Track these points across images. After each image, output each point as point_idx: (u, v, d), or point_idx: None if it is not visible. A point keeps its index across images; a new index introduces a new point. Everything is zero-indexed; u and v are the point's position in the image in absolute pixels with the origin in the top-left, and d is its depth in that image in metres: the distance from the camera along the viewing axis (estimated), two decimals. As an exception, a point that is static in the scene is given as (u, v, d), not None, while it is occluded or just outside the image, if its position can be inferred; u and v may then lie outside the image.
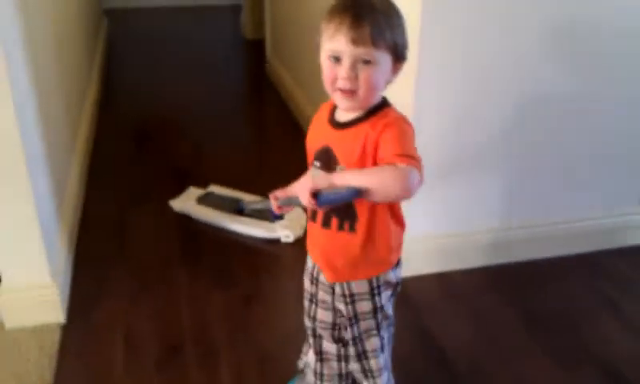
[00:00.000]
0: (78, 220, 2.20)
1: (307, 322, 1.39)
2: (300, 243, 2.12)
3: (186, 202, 2.31)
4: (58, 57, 2.29)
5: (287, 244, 2.14)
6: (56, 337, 1.69)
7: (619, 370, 1.63)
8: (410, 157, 1.05)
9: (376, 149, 1.09)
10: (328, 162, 1.15)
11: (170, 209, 2.30)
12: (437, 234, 1.96)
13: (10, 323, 1.72)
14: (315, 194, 1.05)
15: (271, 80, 3.74)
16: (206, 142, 2.92)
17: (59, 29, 2.40)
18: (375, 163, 1.09)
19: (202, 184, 2.44)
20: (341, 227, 1.18)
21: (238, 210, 2.24)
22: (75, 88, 2.68)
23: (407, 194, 1.04)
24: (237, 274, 1.99)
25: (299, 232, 2.15)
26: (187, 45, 4.51)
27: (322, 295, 1.31)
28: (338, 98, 1.11)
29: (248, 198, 2.33)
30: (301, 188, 1.07)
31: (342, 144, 1.14)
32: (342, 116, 1.16)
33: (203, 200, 2.32)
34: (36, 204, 1.62)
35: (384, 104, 1.15)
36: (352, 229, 1.17)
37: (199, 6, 5.47)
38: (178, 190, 2.40)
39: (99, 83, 3.48)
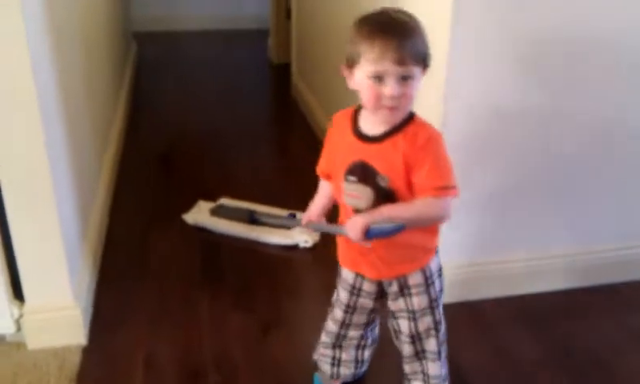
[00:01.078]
0: (102, 242, 2.21)
1: (335, 329, 1.48)
2: (318, 248, 2.20)
3: (199, 214, 2.37)
4: (87, 80, 2.32)
5: (306, 249, 2.21)
6: (77, 359, 1.69)
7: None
8: (449, 188, 1.18)
9: (413, 166, 1.18)
10: (365, 175, 1.22)
11: (192, 231, 2.30)
12: (461, 263, 1.93)
13: (32, 344, 1.72)
14: (366, 230, 1.17)
15: (297, 103, 3.75)
16: (231, 165, 2.92)
17: (89, 52, 2.43)
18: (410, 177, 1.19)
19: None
20: None
21: (251, 220, 2.19)
22: (103, 111, 2.71)
23: (445, 221, 1.22)
24: (259, 292, 1.98)
25: (317, 237, 2.23)
26: (214, 69, 4.55)
27: (363, 301, 1.41)
28: (384, 115, 1.18)
29: (260, 209, 2.27)
30: (353, 225, 1.19)
31: (381, 157, 1.21)
32: (371, 128, 1.23)
33: (216, 212, 2.23)
34: (61, 227, 1.63)
35: (411, 114, 1.23)
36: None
37: (227, 30, 5.53)
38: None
39: (127, 107, 3.52)
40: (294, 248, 2.23)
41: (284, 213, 2.31)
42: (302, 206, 1.46)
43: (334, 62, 2.86)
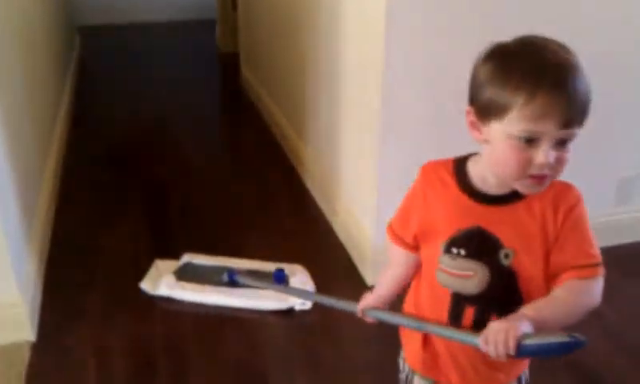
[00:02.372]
0: (49, 240, 2.17)
1: None
2: (318, 310, 1.84)
3: (162, 280, 1.90)
4: (27, 78, 2.27)
5: (304, 312, 1.84)
6: (25, 356, 1.66)
7: (596, 375, 1.64)
8: (600, 265, 0.88)
9: (557, 238, 0.88)
10: (481, 248, 0.91)
11: (143, 229, 2.27)
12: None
13: (-22, 343, 1.69)
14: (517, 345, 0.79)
15: (246, 92, 3.75)
16: (181, 159, 2.91)
17: (29, 49, 2.38)
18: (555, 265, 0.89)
19: (175, 203, 2.41)
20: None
21: (230, 281, 1.83)
22: (45, 108, 2.66)
23: (595, 307, 0.88)
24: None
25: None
26: (162, 60, 4.50)
27: None
28: (528, 187, 0.87)
29: (236, 265, 1.96)
30: (498, 334, 0.80)
31: (509, 223, 0.90)
32: (491, 187, 0.91)
33: (183, 274, 1.93)
34: (4, 226, 1.60)
35: None
36: None
37: (173, 21, 5.47)
38: (151, 211, 2.38)
39: (71, 102, 3.45)
40: (289, 313, 1.85)
41: (267, 266, 1.94)
42: (251, 192, 1.42)
43: (281, 51, 2.87)
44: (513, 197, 0.89)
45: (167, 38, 5.16)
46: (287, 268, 1.92)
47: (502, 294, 0.89)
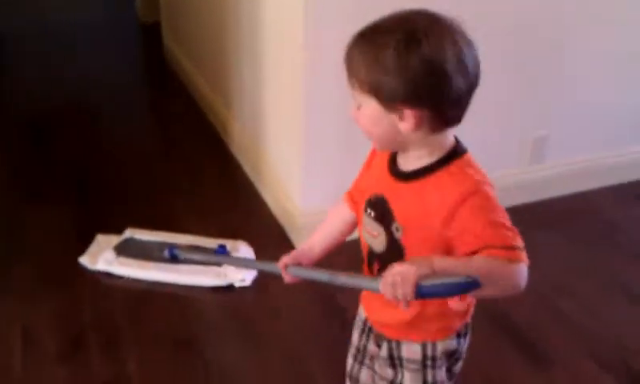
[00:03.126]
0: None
1: None
2: (258, 287, 1.83)
3: (102, 256, 1.89)
4: None
5: (243, 288, 1.83)
6: (-53, 339, 1.62)
7: (507, 318, 1.74)
8: (509, 248, 0.84)
9: (448, 221, 0.87)
10: (382, 215, 0.95)
11: (67, 204, 2.22)
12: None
13: None
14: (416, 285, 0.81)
15: (170, 63, 3.67)
16: (103, 133, 2.84)
17: None
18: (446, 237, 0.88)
19: (104, 182, 2.38)
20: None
21: (171, 256, 1.72)
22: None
23: (516, 292, 0.86)
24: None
25: (254, 273, 1.85)
26: (79, 32, 4.33)
27: (373, 349, 1.10)
28: None
29: (179, 240, 1.94)
30: (397, 276, 0.80)
31: (402, 199, 0.93)
32: (405, 163, 0.94)
33: (123, 250, 1.91)
34: None
35: (454, 154, 0.91)
36: None
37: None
38: (75, 186, 2.33)
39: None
40: (229, 289, 1.84)
41: (210, 242, 1.93)
42: (180, 170, 1.40)
43: (204, 19, 2.83)
44: (413, 176, 0.92)
45: (85, 9, 4.95)
46: (230, 244, 1.90)
47: (397, 258, 0.90)
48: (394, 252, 0.95)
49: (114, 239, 1.97)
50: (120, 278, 1.86)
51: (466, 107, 0.88)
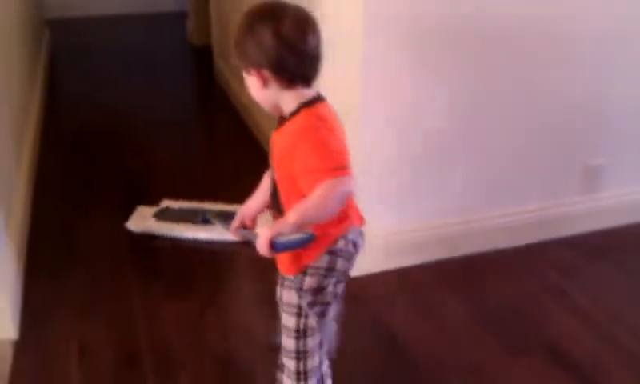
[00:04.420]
0: (27, 233, 2.16)
1: None
2: None
3: (144, 221, 2.20)
4: (1, 70, 2.24)
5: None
6: (8, 353, 1.65)
7: (566, 350, 1.70)
8: (332, 169, 1.05)
9: (293, 155, 1.09)
10: (270, 161, 1.20)
11: (119, 218, 2.26)
12: (389, 231, 2.00)
13: (-41, 342, 1.67)
14: (272, 244, 1.05)
15: (220, 86, 3.73)
16: (154, 151, 2.89)
17: (3, 41, 2.34)
18: (294, 170, 1.10)
19: (152, 194, 2.42)
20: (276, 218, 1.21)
21: (203, 221, 2.15)
22: (18, 101, 2.61)
23: (344, 204, 1.09)
24: (192, 280, 1.98)
25: None
26: (133, 54, 4.45)
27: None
28: None
29: (208, 208, 2.26)
30: (259, 240, 1.06)
31: (275, 144, 1.18)
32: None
33: (161, 216, 2.23)
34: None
35: (307, 104, 1.13)
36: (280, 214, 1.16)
37: (144, 13, 5.41)
38: (127, 201, 2.38)
39: (43, 96, 3.40)
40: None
41: (236, 208, 2.16)
42: (226, 188, 1.44)
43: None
44: (281, 121, 1.16)
45: (139, 30, 5.10)
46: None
47: (276, 199, 1.18)
48: (275, 193, 1.19)
49: (153, 209, 2.28)
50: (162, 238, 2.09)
51: (301, 70, 1.13)
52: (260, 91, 1.16)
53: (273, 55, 1.11)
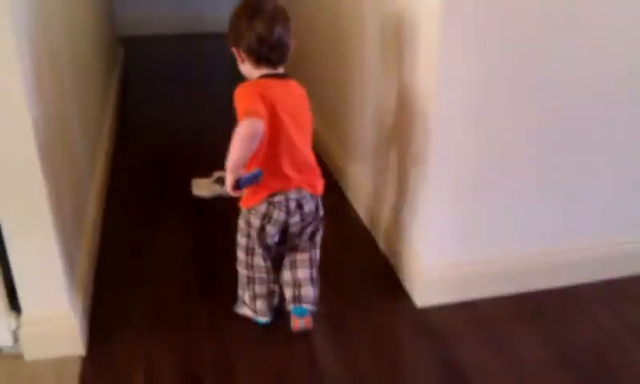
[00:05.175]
0: (97, 249, 2.19)
1: None
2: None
3: (206, 188, 2.60)
4: (77, 84, 2.30)
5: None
6: (76, 370, 1.67)
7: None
8: (240, 115, 1.49)
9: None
10: None
11: (187, 235, 2.29)
12: (459, 261, 1.93)
13: (29, 355, 1.70)
14: (236, 185, 1.53)
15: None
16: (219, 165, 2.90)
17: (81, 58, 2.41)
18: None
19: (215, 208, 2.45)
20: None
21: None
22: (93, 117, 2.69)
23: (254, 139, 1.49)
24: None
25: None
26: (204, 73, 4.52)
27: None
28: None
29: None
30: (227, 184, 1.54)
31: None
32: None
33: (219, 181, 2.59)
34: (57, 236, 1.62)
35: (259, 78, 1.60)
36: None
37: (216, 33, 5.48)
38: (196, 218, 2.41)
39: (116, 112, 3.49)
40: None
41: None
42: None
43: (333, 68, 2.85)
44: None
45: (212, 49, 5.18)
46: None
47: None
48: None
49: (208, 178, 2.65)
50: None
51: (270, 54, 1.56)
52: (241, 66, 1.63)
53: (245, 41, 1.56)
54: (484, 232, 1.92)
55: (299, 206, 1.65)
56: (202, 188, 2.61)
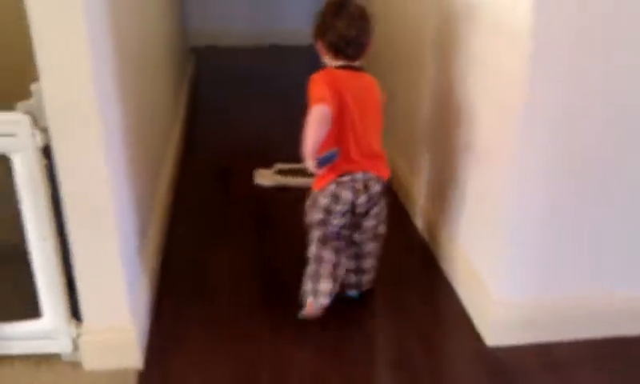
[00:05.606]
0: (159, 261, 2.18)
1: None
2: None
3: (269, 178, 2.79)
4: (149, 96, 2.31)
5: None
6: (132, 383, 1.65)
7: None
8: (310, 102, 1.70)
9: None
10: None
11: (252, 250, 2.26)
12: (533, 300, 1.81)
13: (88, 365, 1.69)
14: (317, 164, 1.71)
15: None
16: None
17: (152, 69, 2.43)
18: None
19: (284, 228, 2.39)
20: None
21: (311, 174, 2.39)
22: (163, 126, 2.70)
23: (322, 124, 1.69)
24: (322, 329, 1.89)
25: None
26: (273, 85, 4.52)
27: None
28: None
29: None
30: (308, 166, 1.72)
31: None
32: None
33: (281, 172, 2.83)
34: (120, 246, 1.60)
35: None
36: None
37: (287, 45, 5.50)
38: (261, 234, 2.38)
39: (184, 122, 3.51)
40: None
41: None
42: None
43: (401, 80, 2.77)
44: None
45: (282, 62, 5.19)
46: None
47: None
48: None
49: (271, 170, 2.87)
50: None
51: (347, 48, 1.75)
52: (324, 57, 1.82)
53: (327, 36, 1.76)
54: (562, 269, 1.79)
55: (365, 186, 1.78)
56: (264, 177, 2.80)
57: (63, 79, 1.41)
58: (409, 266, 2.24)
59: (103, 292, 1.64)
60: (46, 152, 1.48)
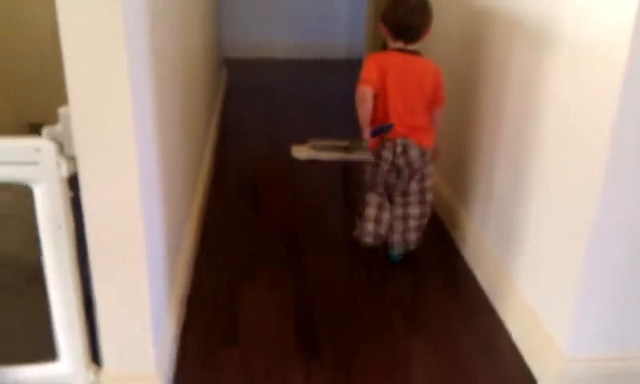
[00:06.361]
0: (187, 299, 2.01)
1: None
2: None
3: (305, 152, 2.96)
4: (186, 119, 2.15)
5: None
6: (155, 440, 1.48)
7: None
8: (361, 80, 2.01)
9: None
10: None
11: (284, 289, 2.09)
12: (606, 356, 1.64)
13: (107, 414, 1.52)
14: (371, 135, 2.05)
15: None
16: (322, 203, 2.74)
17: (188, 80, 2.27)
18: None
19: (319, 245, 2.27)
20: None
21: (346, 148, 2.35)
22: (196, 148, 2.53)
23: (364, 102, 2.01)
24: (358, 368, 1.72)
25: None
26: (304, 98, 4.38)
27: None
28: None
29: (341, 143, 2.63)
30: (366, 137, 2.06)
31: None
32: None
33: (316, 147, 3.00)
34: (150, 290, 1.44)
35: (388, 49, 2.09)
36: None
37: (317, 59, 5.37)
38: (293, 262, 2.24)
39: (216, 138, 3.35)
40: None
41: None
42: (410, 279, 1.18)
43: (458, 112, 2.59)
44: None
45: (310, 76, 5.06)
46: None
47: None
48: None
49: (305, 146, 3.03)
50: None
51: (404, 32, 2.02)
52: (387, 38, 2.07)
53: (389, 20, 2.04)
54: (628, 321, 1.60)
55: (404, 151, 2.05)
56: (300, 152, 2.99)
57: (96, 102, 1.24)
58: (453, 295, 2.05)
59: (127, 337, 1.48)
60: (73, 183, 1.31)
